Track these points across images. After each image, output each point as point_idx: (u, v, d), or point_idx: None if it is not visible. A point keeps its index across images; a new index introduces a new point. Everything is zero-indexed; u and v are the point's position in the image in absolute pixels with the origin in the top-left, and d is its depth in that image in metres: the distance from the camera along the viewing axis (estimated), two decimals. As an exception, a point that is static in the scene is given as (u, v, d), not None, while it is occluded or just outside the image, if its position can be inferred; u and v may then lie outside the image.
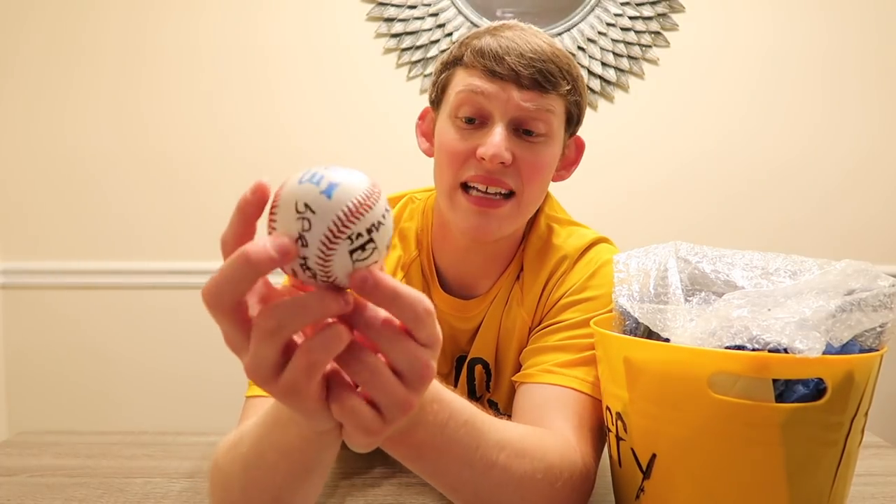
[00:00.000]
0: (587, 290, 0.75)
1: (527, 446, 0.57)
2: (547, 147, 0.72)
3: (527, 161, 0.70)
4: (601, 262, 0.77)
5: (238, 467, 0.52)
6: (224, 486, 0.55)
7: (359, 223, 0.34)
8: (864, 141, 1.82)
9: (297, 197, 0.34)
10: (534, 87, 0.69)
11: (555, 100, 0.71)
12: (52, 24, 1.77)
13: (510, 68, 0.68)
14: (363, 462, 0.84)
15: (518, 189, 0.71)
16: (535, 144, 0.71)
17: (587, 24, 1.77)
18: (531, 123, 0.70)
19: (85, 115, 1.79)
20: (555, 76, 0.69)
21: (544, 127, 0.71)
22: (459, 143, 0.71)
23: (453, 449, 0.51)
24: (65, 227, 1.82)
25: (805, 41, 1.80)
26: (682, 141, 1.82)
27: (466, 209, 0.71)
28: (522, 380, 0.73)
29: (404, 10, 1.76)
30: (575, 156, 0.81)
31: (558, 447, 0.61)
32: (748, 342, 0.52)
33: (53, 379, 1.84)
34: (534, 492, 0.57)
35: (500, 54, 0.68)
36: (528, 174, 0.71)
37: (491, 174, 0.69)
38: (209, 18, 1.78)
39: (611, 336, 0.61)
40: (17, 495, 0.75)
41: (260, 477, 0.51)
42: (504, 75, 0.68)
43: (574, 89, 0.73)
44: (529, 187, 0.72)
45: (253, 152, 1.80)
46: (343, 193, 0.34)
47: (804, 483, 0.53)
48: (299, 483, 0.50)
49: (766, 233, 1.83)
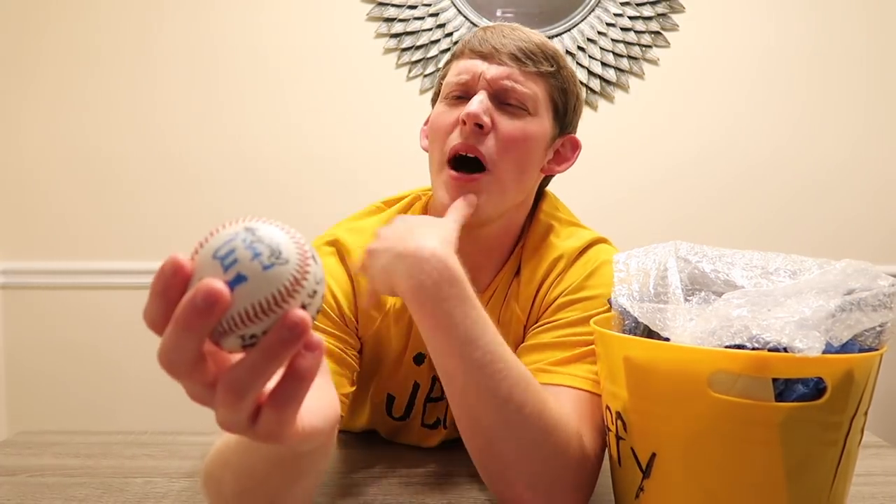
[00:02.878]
0: (585, 290, 0.75)
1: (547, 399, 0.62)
2: (528, 122, 0.74)
3: (505, 129, 0.73)
4: (599, 262, 0.77)
5: (229, 476, 0.52)
6: (217, 491, 0.55)
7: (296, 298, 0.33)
8: (863, 140, 1.83)
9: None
10: (512, 61, 0.73)
11: (535, 79, 0.74)
12: (53, 26, 1.77)
13: (492, 47, 0.74)
14: (363, 462, 0.84)
15: (491, 160, 0.72)
16: (515, 115, 0.74)
17: (587, 24, 1.77)
18: (511, 95, 0.73)
19: (85, 115, 1.79)
20: (535, 54, 0.74)
21: (525, 104, 0.74)
22: (444, 116, 0.75)
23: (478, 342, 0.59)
24: (65, 227, 1.82)
25: (803, 41, 1.80)
26: (682, 140, 1.82)
27: (449, 184, 0.73)
28: None
29: (404, 10, 1.76)
30: (570, 154, 0.82)
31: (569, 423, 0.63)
32: (748, 341, 0.52)
33: (53, 379, 1.84)
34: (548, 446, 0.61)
35: (484, 38, 0.75)
36: (504, 144, 0.73)
37: (469, 138, 0.72)
38: (209, 19, 1.78)
39: (611, 335, 0.61)
40: (17, 495, 0.75)
41: (251, 485, 0.50)
42: (486, 53, 0.74)
43: (557, 74, 0.76)
44: (506, 159, 0.73)
45: (253, 152, 1.80)
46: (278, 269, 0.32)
47: (804, 482, 0.53)
48: (294, 487, 0.50)
49: (766, 232, 1.83)
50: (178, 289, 0.32)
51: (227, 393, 0.32)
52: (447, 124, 0.74)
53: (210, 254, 0.32)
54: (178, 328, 0.31)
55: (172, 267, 0.32)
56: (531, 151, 0.75)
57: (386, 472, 0.81)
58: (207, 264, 0.32)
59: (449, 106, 0.75)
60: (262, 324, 0.32)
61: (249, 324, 0.32)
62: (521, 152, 0.74)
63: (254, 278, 0.32)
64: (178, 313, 0.31)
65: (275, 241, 0.33)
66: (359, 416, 0.87)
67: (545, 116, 0.76)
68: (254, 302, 0.32)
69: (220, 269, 0.32)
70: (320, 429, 0.42)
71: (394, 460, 0.84)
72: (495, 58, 0.73)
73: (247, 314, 0.32)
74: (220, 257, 0.32)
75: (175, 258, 0.32)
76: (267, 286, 0.32)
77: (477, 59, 0.74)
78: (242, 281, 0.32)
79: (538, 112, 0.75)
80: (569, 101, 0.78)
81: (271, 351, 0.32)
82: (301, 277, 0.33)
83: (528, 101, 0.74)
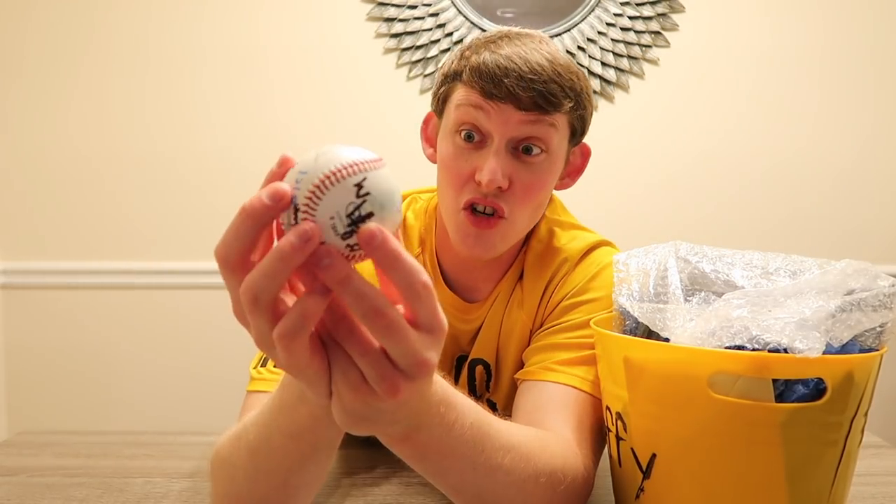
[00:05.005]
0: (589, 292, 0.75)
1: (531, 450, 0.56)
2: (545, 165, 0.70)
3: (523, 183, 0.69)
4: (603, 265, 0.76)
5: (244, 456, 0.53)
6: (229, 477, 0.55)
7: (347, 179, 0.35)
8: (864, 141, 1.82)
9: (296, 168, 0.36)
10: (534, 108, 0.67)
11: (557, 118, 0.69)
12: (52, 26, 1.77)
13: (508, 91, 0.66)
14: (365, 461, 0.84)
15: (509, 211, 0.70)
16: (534, 165, 0.69)
17: (587, 24, 1.77)
18: (530, 142, 0.69)
19: (85, 115, 1.79)
20: (556, 96, 0.67)
21: (544, 145, 0.69)
22: (459, 163, 0.70)
23: (458, 451, 0.50)
24: (65, 227, 1.82)
25: (804, 41, 1.80)
26: (682, 141, 1.82)
27: (465, 227, 0.71)
28: (524, 377, 0.73)
29: (404, 10, 1.76)
30: (580, 163, 0.79)
31: (561, 451, 0.61)
32: (748, 342, 0.52)
33: (53, 379, 1.84)
34: (536, 495, 0.57)
35: (499, 76, 0.66)
36: (521, 196, 0.70)
37: (487, 196, 0.69)
38: (209, 19, 1.78)
39: (611, 336, 0.61)
40: (17, 495, 0.75)
41: (267, 462, 0.51)
42: (502, 97, 0.66)
43: (578, 104, 0.70)
44: (521, 209, 0.71)
45: (253, 152, 1.80)
46: (330, 155, 0.35)
47: (804, 483, 0.53)
48: (307, 464, 0.51)
49: (766, 232, 1.83)
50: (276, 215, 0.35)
51: (244, 291, 0.34)
52: (461, 175, 0.70)
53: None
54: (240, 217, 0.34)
55: (276, 194, 0.34)
56: (548, 190, 0.73)
57: (386, 473, 0.81)
58: None
59: (460, 149, 0.70)
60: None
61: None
62: (538, 196, 0.72)
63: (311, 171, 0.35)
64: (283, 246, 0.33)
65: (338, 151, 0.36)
66: None
67: (561, 146, 0.72)
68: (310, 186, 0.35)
69: None
70: None
71: (394, 460, 0.83)
72: (515, 103, 0.66)
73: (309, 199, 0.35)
74: None
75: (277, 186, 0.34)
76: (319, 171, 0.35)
77: (492, 101, 0.67)
78: None
79: (555, 149, 0.71)
80: (586, 121, 0.74)
81: (282, 254, 0.33)
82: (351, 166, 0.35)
83: (547, 142, 0.69)
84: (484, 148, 0.69)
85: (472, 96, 0.68)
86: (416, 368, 0.37)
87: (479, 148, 0.69)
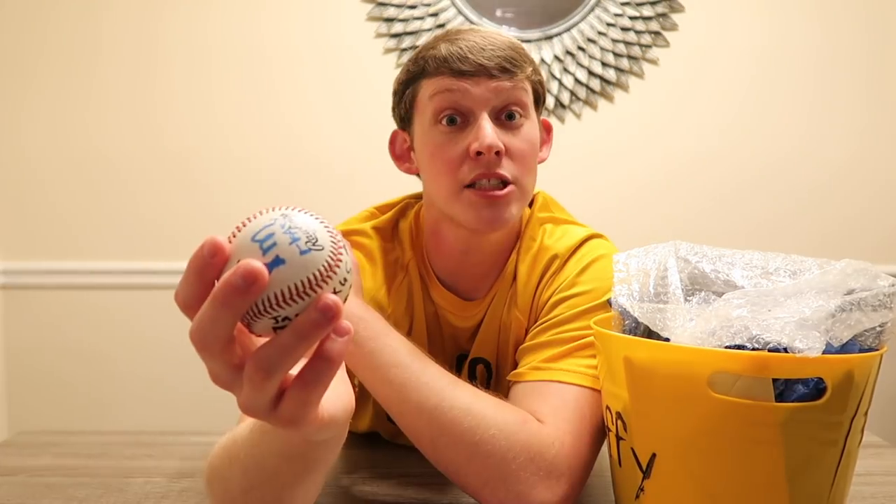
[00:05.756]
0: (577, 286, 0.75)
1: (479, 406, 0.62)
2: (530, 130, 0.75)
3: (516, 147, 0.73)
4: (593, 258, 0.77)
5: (237, 471, 0.52)
6: (224, 488, 0.55)
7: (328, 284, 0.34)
8: (863, 141, 1.83)
9: None
10: (503, 73, 0.72)
11: (523, 82, 0.74)
12: (53, 25, 1.77)
13: (476, 64, 0.71)
14: (365, 461, 0.84)
15: (514, 177, 0.72)
16: (519, 128, 0.74)
17: (587, 24, 1.77)
18: (511, 108, 0.73)
19: (85, 115, 1.79)
20: (517, 60, 0.73)
21: (522, 110, 0.74)
22: (449, 148, 0.72)
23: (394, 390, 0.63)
24: (65, 227, 1.82)
25: (803, 41, 1.80)
26: (682, 140, 1.82)
27: (476, 203, 0.72)
28: (514, 379, 0.73)
29: (404, 10, 1.76)
30: (546, 136, 0.83)
31: (518, 419, 0.63)
32: (748, 342, 0.52)
33: (53, 379, 1.84)
34: (489, 459, 0.60)
35: (463, 54, 0.71)
36: (520, 159, 0.73)
37: (490, 167, 0.71)
38: (209, 20, 1.78)
39: (611, 336, 0.61)
40: (17, 495, 0.75)
41: (261, 480, 0.50)
42: (473, 71, 0.71)
43: (535, 70, 0.77)
44: (524, 171, 0.74)
45: (252, 151, 1.81)
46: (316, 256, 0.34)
47: (804, 483, 0.53)
48: (302, 483, 0.50)
49: (766, 232, 1.84)
50: (215, 269, 0.33)
51: (256, 370, 0.33)
52: (456, 155, 0.72)
53: (249, 237, 0.34)
54: (215, 305, 0.32)
55: (212, 248, 0.33)
56: (536, 153, 0.77)
57: (387, 473, 0.81)
58: (246, 247, 0.33)
59: (446, 134, 0.73)
60: (296, 307, 0.33)
61: (284, 306, 0.33)
62: (533, 160, 0.76)
63: (291, 262, 0.33)
64: (218, 290, 0.32)
65: (311, 227, 0.34)
66: (361, 420, 0.87)
67: (533, 112, 0.77)
68: (290, 284, 0.33)
69: (259, 252, 0.33)
70: (338, 418, 0.42)
71: (394, 460, 0.84)
72: (486, 73, 0.71)
73: (282, 296, 0.33)
74: (258, 240, 0.33)
75: (214, 240, 0.33)
76: (303, 270, 0.33)
77: (464, 79, 0.71)
78: (280, 264, 0.33)
79: (530, 113, 0.76)
80: (544, 88, 0.80)
81: (303, 332, 0.33)
82: (334, 264, 0.34)
83: (524, 107, 0.74)
84: (468, 126, 0.72)
85: (443, 82, 0.72)
86: None
87: (464, 128, 0.72)
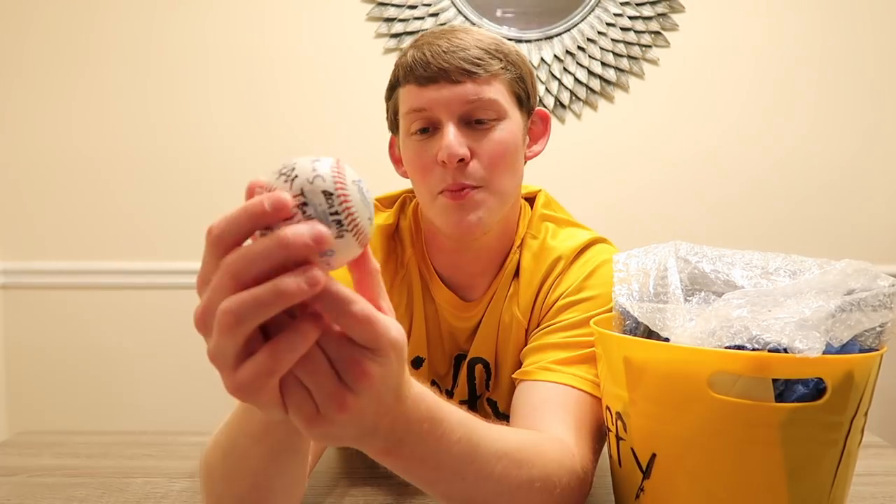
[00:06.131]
0: (584, 291, 0.75)
1: (525, 456, 0.56)
2: (503, 130, 0.72)
3: (485, 150, 0.71)
4: (598, 262, 0.76)
5: (218, 456, 0.54)
6: (209, 475, 0.57)
7: None
8: (863, 141, 1.82)
9: None
10: (465, 76, 0.70)
11: (492, 81, 0.71)
12: (53, 25, 1.77)
13: (437, 69, 0.69)
14: (365, 461, 0.84)
15: (482, 180, 0.71)
16: (490, 130, 0.72)
17: (587, 24, 1.77)
18: (478, 112, 0.71)
19: (85, 115, 1.79)
20: (481, 59, 0.70)
21: (493, 112, 0.71)
22: (421, 156, 0.73)
23: (446, 463, 0.49)
24: (65, 227, 1.82)
25: (804, 41, 1.80)
26: (682, 140, 1.82)
27: (448, 207, 0.72)
28: (522, 377, 0.73)
29: (404, 10, 1.76)
30: (542, 128, 0.81)
31: (556, 454, 0.60)
32: (748, 342, 0.52)
33: (53, 379, 1.84)
34: (530, 500, 0.56)
35: (426, 60, 0.70)
36: (490, 162, 0.71)
37: (456, 177, 0.70)
38: (208, 19, 1.78)
39: (611, 336, 0.61)
40: (17, 495, 0.75)
41: (236, 464, 0.52)
42: (434, 77, 0.70)
43: (508, 66, 0.73)
44: (496, 174, 0.72)
45: (252, 151, 1.80)
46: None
47: (804, 483, 0.53)
48: (273, 468, 0.51)
49: (766, 232, 1.83)
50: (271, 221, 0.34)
51: (225, 312, 0.34)
52: (426, 164, 0.72)
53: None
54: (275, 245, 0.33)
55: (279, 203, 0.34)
56: (514, 153, 0.74)
57: (386, 473, 0.80)
58: None
59: (419, 142, 0.73)
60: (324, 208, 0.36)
61: None
62: (506, 161, 0.73)
63: None
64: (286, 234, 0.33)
65: None
66: None
67: (513, 111, 0.74)
68: None
69: None
70: None
71: (394, 460, 0.83)
72: (447, 79, 0.70)
73: None
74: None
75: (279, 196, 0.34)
76: None
77: (428, 88, 0.70)
78: None
79: (506, 112, 0.73)
80: (527, 84, 0.76)
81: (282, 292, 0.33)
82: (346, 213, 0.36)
83: (495, 108, 0.71)
84: (438, 133, 0.71)
85: (411, 92, 0.72)
86: (356, 377, 0.37)
87: (434, 135, 0.72)
